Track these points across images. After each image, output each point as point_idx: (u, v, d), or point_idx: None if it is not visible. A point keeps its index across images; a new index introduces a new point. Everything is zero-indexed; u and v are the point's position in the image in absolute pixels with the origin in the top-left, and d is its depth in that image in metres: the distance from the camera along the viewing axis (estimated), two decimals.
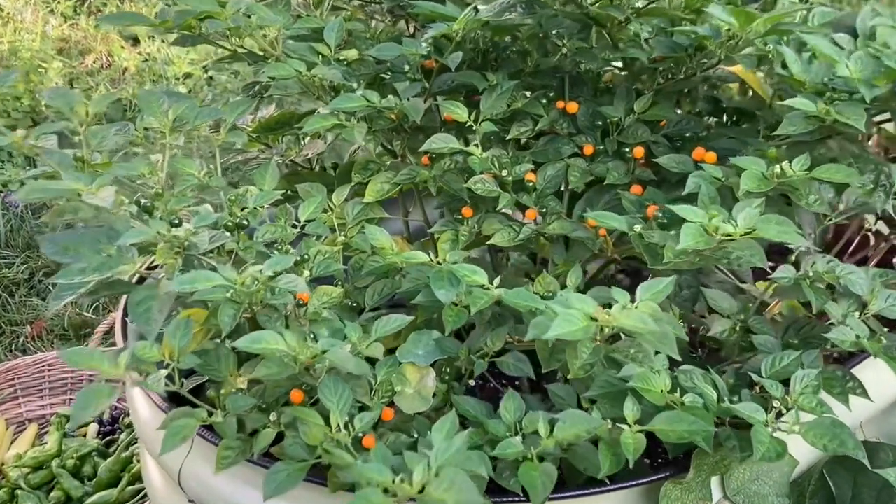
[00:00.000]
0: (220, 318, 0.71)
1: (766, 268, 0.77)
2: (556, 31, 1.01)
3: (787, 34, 0.86)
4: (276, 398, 0.78)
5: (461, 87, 1.03)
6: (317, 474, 0.74)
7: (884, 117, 0.96)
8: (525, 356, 0.86)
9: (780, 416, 0.75)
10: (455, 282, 0.82)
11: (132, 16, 1.04)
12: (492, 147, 1.00)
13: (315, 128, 0.93)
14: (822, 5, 0.91)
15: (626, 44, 0.98)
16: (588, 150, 0.99)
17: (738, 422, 0.76)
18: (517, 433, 0.75)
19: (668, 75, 1.00)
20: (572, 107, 1.00)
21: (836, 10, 0.94)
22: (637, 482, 0.77)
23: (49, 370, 1.88)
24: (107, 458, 1.64)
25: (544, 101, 1.01)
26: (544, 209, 0.96)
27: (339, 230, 1.00)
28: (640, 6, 0.91)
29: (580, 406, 0.81)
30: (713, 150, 0.90)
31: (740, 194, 0.77)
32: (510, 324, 0.86)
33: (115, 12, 3.65)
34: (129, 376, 0.71)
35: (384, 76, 1.04)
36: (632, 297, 0.74)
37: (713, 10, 0.84)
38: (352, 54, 1.07)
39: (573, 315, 0.67)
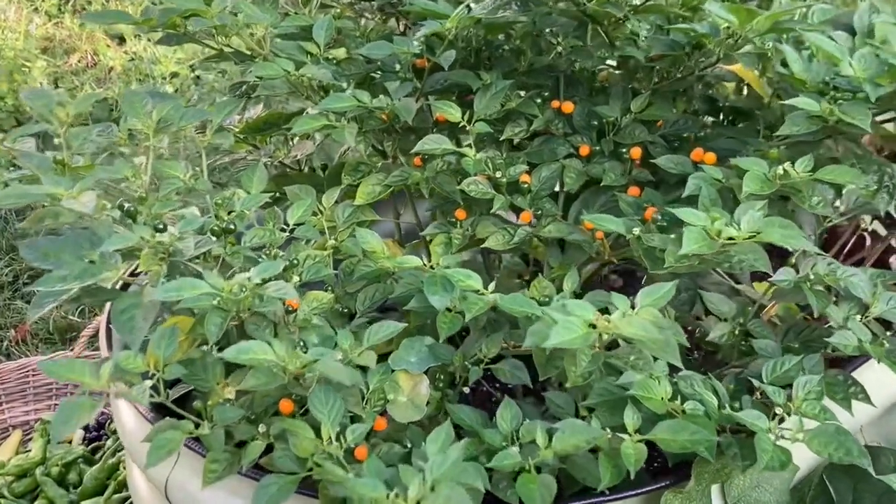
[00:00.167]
0: (207, 326, 0.69)
1: (769, 271, 0.75)
2: (551, 29, 0.99)
3: (787, 32, 0.84)
4: (265, 408, 0.76)
5: (454, 86, 1.01)
6: (308, 486, 0.72)
7: (883, 117, 0.94)
8: (521, 362, 0.85)
9: (782, 422, 0.74)
10: (449, 287, 0.79)
11: (116, 14, 1.03)
12: (485, 148, 0.98)
13: (304, 129, 0.91)
14: (822, 3, 0.89)
15: (622, 42, 0.96)
16: (584, 150, 0.97)
17: (739, 428, 0.75)
18: (514, 443, 0.73)
19: (665, 74, 0.98)
20: (567, 106, 0.98)
21: (834, 7, 0.93)
22: (637, 492, 0.75)
23: (33, 375, 1.85)
24: (93, 466, 1.60)
25: (539, 100, 0.99)
26: (539, 211, 0.94)
27: (329, 233, 0.98)
28: (637, 3, 0.89)
29: (578, 413, 0.79)
30: (712, 151, 0.89)
31: (743, 197, 0.75)
32: (505, 329, 0.84)
33: (100, 10, 3.61)
34: (112, 387, 0.68)
35: (374, 75, 1.02)
36: (627, 295, 0.72)
37: (712, 7, 0.82)
38: (340, 53, 1.05)
39: (572, 322, 0.65)
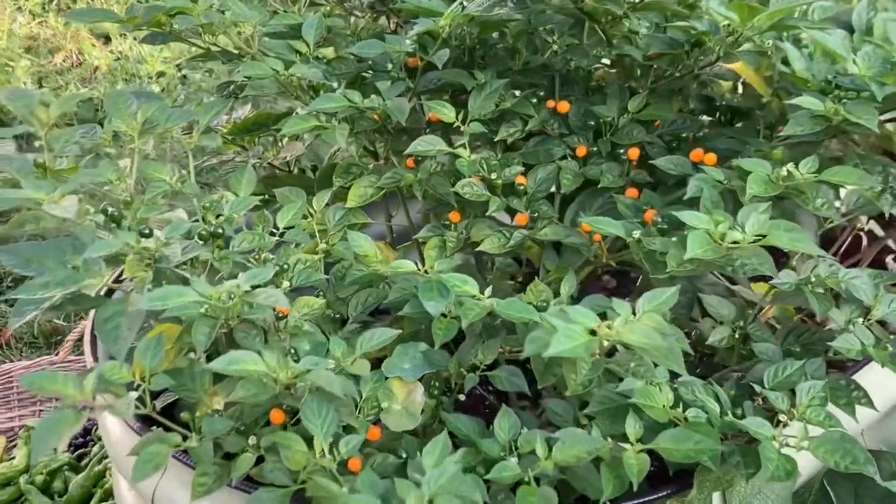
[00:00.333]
0: (195, 336, 0.66)
1: (774, 275, 0.73)
2: (546, 27, 0.97)
3: (789, 29, 0.82)
4: (255, 419, 0.73)
5: (447, 86, 0.99)
6: (301, 498, 0.69)
7: (883, 117, 0.92)
8: (518, 369, 0.83)
9: (784, 427, 0.72)
10: (445, 292, 0.77)
11: (101, 12, 1.01)
12: (479, 149, 0.96)
13: (294, 130, 0.88)
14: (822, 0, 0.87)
15: (619, 40, 0.94)
16: (581, 151, 0.95)
17: (740, 434, 0.73)
18: (512, 452, 0.71)
19: (663, 73, 0.96)
20: (563, 106, 0.96)
21: (834, 4, 0.91)
22: (638, 502, 0.73)
23: (17, 381, 1.81)
24: (78, 473, 1.58)
25: (534, 100, 0.97)
26: (536, 213, 0.92)
27: (320, 237, 0.96)
28: (636, 0, 0.87)
29: (577, 420, 0.77)
30: (711, 151, 0.87)
31: (747, 199, 0.73)
32: (502, 335, 0.82)
33: (85, 9, 3.56)
34: (97, 399, 0.66)
35: (366, 75, 1.00)
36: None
37: (712, 3, 0.80)
38: (330, 52, 1.03)
39: (573, 330, 0.63)
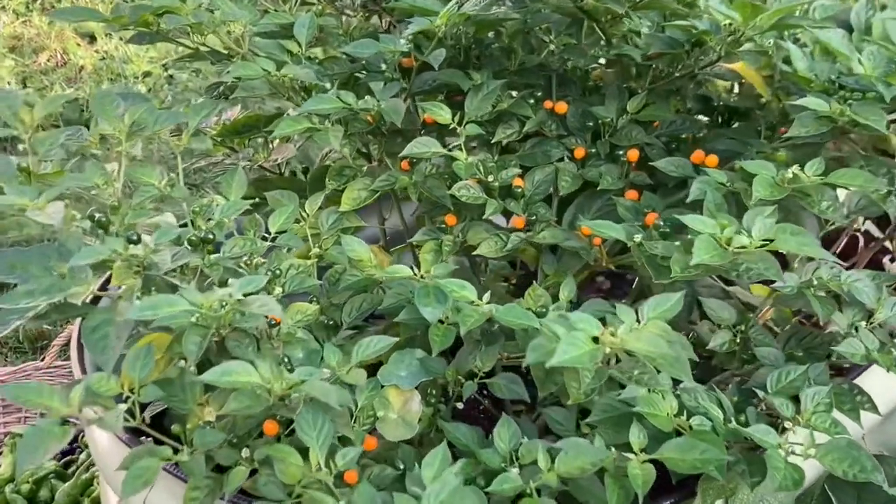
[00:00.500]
0: (186, 345, 0.64)
1: (780, 280, 0.72)
2: (542, 27, 0.95)
3: (791, 28, 0.81)
4: (248, 431, 0.71)
5: (442, 86, 0.97)
6: None
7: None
8: (517, 376, 0.81)
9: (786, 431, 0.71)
10: (442, 298, 0.75)
11: (86, 11, 0.98)
12: (476, 151, 0.94)
13: (287, 132, 0.86)
14: None
15: (618, 39, 0.92)
16: (579, 153, 0.93)
17: (744, 440, 0.71)
18: (513, 463, 0.70)
19: (662, 73, 0.94)
20: (561, 107, 0.94)
21: (835, 3, 0.90)
22: None
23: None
24: (65, 481, 1.54)
25: (531, 101, 0.95)
26: (533, 216, 0.90)
27: (313, 241, 0.94)
28: None
29: (578, 428, 0.76)
30: (712, 152, 0.85)
31: (752, 202, 0.71)
32: (501, 341, 0.80)
33: (69, 8, 3.52)
34: (84, 412, 0.64)
35: (359, 75, 0.98)
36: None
37: (712, 2, 0.79)
38: (321, 52, 1.01)
39: (577, 338, 0.61)
